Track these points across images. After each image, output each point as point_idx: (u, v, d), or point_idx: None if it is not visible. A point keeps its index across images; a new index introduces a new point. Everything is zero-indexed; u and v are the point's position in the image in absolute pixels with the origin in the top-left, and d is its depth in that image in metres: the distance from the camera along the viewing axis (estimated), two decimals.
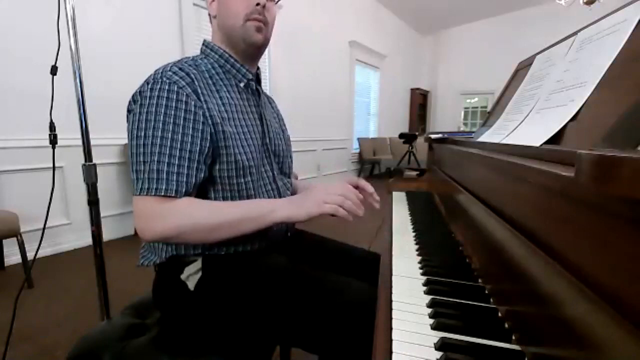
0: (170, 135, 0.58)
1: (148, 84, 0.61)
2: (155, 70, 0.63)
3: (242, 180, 0.67)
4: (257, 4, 0.67)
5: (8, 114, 1.97)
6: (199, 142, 0.61)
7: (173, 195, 0.57)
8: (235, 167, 0.66)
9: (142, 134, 0.58)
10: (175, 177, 0.58)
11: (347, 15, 5.09)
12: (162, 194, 0.57)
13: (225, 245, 0.65)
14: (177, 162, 0.58)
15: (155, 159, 0.57)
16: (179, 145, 0.59)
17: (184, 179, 0.58)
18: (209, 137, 0.62)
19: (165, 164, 0.57)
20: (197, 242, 0.61)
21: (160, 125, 0.58)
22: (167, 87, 0.60)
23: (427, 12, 6.59)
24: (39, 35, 1.97)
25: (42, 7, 1.94)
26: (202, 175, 0.62)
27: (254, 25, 0.68)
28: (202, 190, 0.65)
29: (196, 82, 0.63)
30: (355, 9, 5.26)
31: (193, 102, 0.61)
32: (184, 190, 0.58)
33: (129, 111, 0.63)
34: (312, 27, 4.33)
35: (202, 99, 0.63)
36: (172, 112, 0.59)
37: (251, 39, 0.69)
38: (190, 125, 0.60)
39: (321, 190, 0.63)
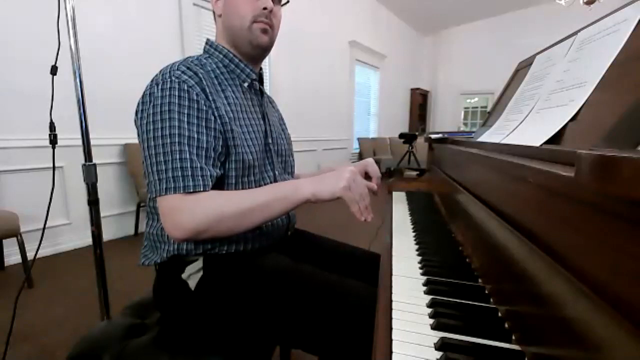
0: (187, 133, 0.59)
1: (157, 84, 0.60)
2: (161, 71, 0.63)
3: (246, 179, 0.68)
4: (265, 8, 0.67)
5: (8, 114, 1.97)
6: (212, 140, 0.61)
7: (201, 190, 0.57)
8: (242, 167, 0.66)
9: (159, 134, 0.58)
10: (199, 172, 0.58)
11: (347, 15, 5.09)
12: (191, 190, 0.57)
13: (226, 245, 0.65)
14: (197, 158, 0.59)
15: (177, 157, 0.57)
16: (196, 143, 0.59)
17: (208, 173, 0.59)
18: (220, 136, 0.63)
19: (188, 161, 0.57)
20: (228, 233, 0.60)
21: (177, 123, 0.58)
22: (177, 86, 0.60)
23: (427, 12, 6.58)
24: (39, 35, 1.97)
25: (42, 7, 1.94)
26: (219, 171, 0.62)
27: (260, 28, 0.68)
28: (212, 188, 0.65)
29: (204, 82, 0.63)
30: (355, 9, 5.26)
31: (203, 101, 0.61)
32: (208, 184, 0.59)
33: (137, 113, 0.63)
34: (312, 27, 4.33)
35: (210, 98, 0.63)
36: (186, 111, 0.59)
37: (257, 41, 0.69)
38: (204, 124, 0.61)
39: (348, 177, 0.61)
